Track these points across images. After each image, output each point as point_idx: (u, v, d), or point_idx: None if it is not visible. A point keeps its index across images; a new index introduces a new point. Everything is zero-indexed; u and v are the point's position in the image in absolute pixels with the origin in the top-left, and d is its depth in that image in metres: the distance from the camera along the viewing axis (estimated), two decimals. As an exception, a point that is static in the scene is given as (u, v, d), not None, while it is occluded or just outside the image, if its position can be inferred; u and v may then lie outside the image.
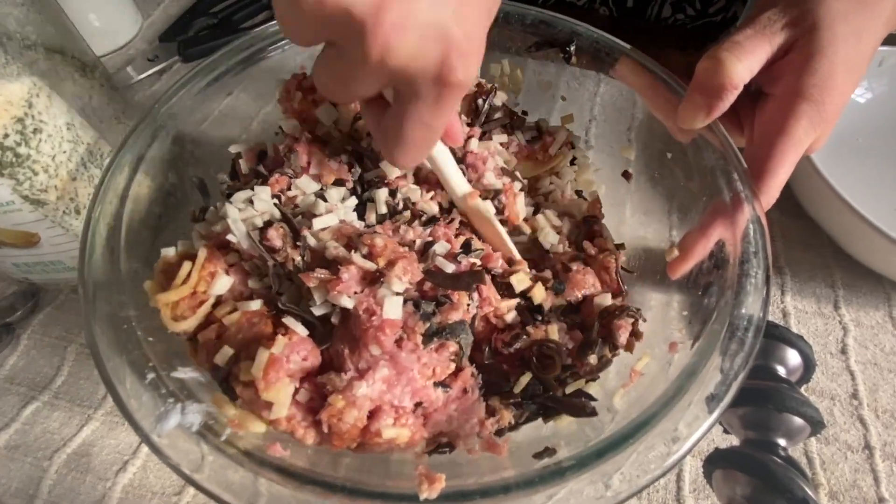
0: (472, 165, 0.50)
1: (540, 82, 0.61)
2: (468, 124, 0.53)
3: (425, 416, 0.40)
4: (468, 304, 0.40)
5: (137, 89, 0.87)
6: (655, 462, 0.35)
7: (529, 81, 0.61)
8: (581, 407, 0.41)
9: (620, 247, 0.50)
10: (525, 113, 0.60)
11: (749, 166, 0.45)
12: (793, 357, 0.44)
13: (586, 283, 0.46)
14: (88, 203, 0.47)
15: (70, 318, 0.65)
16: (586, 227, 0.52)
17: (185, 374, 0.39)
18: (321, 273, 0.38)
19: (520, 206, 0.50)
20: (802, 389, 0.43)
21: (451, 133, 0.44)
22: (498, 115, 0.56)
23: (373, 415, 0.37)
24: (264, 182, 0.45)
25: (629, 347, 0.43)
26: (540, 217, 0.51)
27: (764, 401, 0.41)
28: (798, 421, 0.41)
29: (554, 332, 0.43)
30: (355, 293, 0.38)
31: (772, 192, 0.44)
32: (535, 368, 0.41)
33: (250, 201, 0.43)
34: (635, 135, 0.57)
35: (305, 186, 0.45)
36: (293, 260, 0.40)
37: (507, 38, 0.57)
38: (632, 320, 0.43)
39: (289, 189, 0.45)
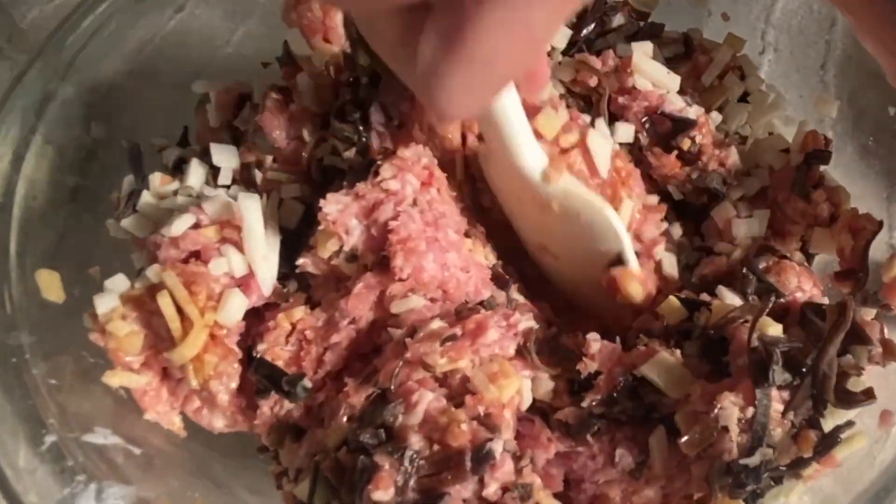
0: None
1: (688, -9, 0.63)
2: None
3: None
4: None
5: (32, 4, 0.87)
6: None
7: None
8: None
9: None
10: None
11: None
12: None
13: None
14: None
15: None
16: (805, 169, 0.49)
17: (105, 437, 0.38)
18: None
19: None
20: None
21: (536, 72, 0.41)
22: (618, 20, 0.53)
23: None
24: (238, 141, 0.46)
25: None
26: None
27: None
28: None
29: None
30: None
31: None
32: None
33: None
34: (835, 76, 0.54)
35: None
36: None
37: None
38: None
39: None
